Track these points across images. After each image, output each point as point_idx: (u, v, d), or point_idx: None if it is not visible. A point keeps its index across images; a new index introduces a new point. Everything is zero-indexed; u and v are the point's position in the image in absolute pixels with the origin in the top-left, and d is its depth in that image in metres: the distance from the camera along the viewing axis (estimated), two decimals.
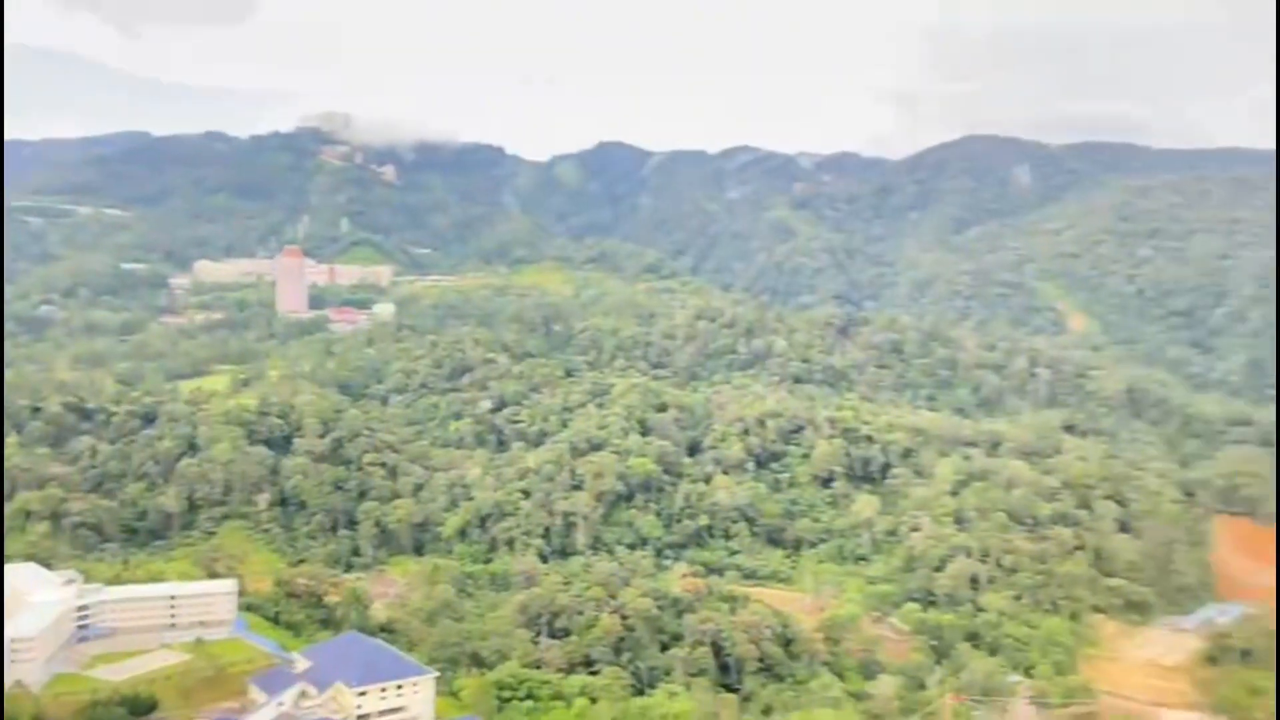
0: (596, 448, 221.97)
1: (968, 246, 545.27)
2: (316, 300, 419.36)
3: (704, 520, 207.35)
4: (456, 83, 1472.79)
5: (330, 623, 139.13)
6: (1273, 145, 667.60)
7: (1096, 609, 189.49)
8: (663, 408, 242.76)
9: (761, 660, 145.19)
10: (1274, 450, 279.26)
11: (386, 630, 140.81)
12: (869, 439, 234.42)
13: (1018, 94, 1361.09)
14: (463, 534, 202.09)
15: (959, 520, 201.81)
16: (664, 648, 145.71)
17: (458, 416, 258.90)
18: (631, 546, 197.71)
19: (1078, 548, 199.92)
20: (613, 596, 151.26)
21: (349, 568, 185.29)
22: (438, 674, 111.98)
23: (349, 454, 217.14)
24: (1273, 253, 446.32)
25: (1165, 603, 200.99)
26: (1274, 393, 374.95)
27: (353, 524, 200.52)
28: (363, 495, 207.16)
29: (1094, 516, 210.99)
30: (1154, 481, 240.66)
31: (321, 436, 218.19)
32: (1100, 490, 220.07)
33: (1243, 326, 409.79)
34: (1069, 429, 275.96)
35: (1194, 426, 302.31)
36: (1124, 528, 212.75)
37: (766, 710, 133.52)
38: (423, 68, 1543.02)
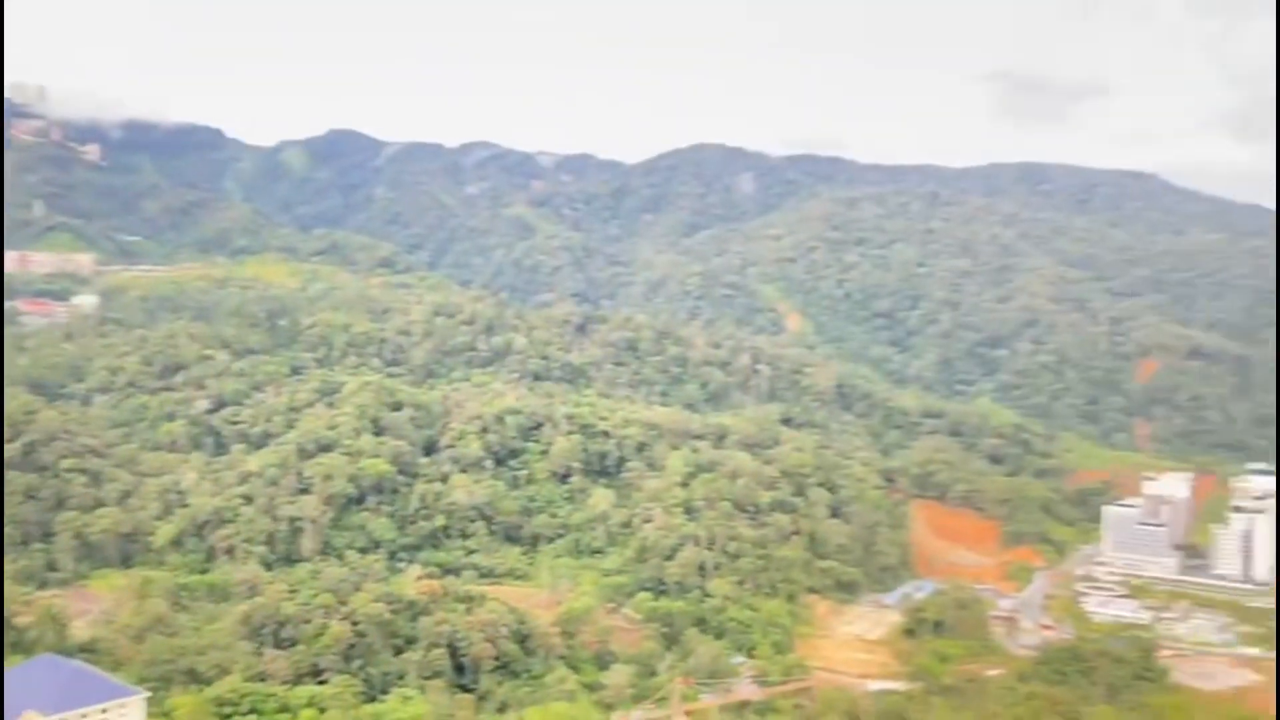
0: (325, 449, 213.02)
1: (697, 249, 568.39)
2: (6, 290, 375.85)
3: (440, 521, 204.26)
4: (170, 58, 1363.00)
5: (21, 646, 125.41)
6: (961, 164, 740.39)
7: (811, 590, 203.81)
8: (397, 406, 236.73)
9: (498, 658, 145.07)
10: (961, 440, 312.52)
11: (88, 650, 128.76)
12: (605, 434, 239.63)
13: (723, 104, 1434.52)
14: (177, 543, 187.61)
15: (688, 510, 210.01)
16: (398, 652, 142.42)
17: (170, 418, 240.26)
18: (363, 550, 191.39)
19: (794, 533, 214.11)
20: (343, 603, 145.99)
21: (44, 584, 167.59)
22: (149, 694, 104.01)
23: (44, 459, 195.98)
24: (961, 262, 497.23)
25: (870, 581, 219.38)
26: (962, 388, 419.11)
27: (48, 536, 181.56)
28: (60, 504, 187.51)
29: (808, 503, 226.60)
30: (860, 469, 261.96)
31: (11, 441, 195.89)
32: (814, 478, 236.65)
33: (934, 328, 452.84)
34: (786, 422, 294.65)
35: (894, 419, 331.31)
36: (835, 513, 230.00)
37: (502, 708, 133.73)
38: (131, 38, 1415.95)
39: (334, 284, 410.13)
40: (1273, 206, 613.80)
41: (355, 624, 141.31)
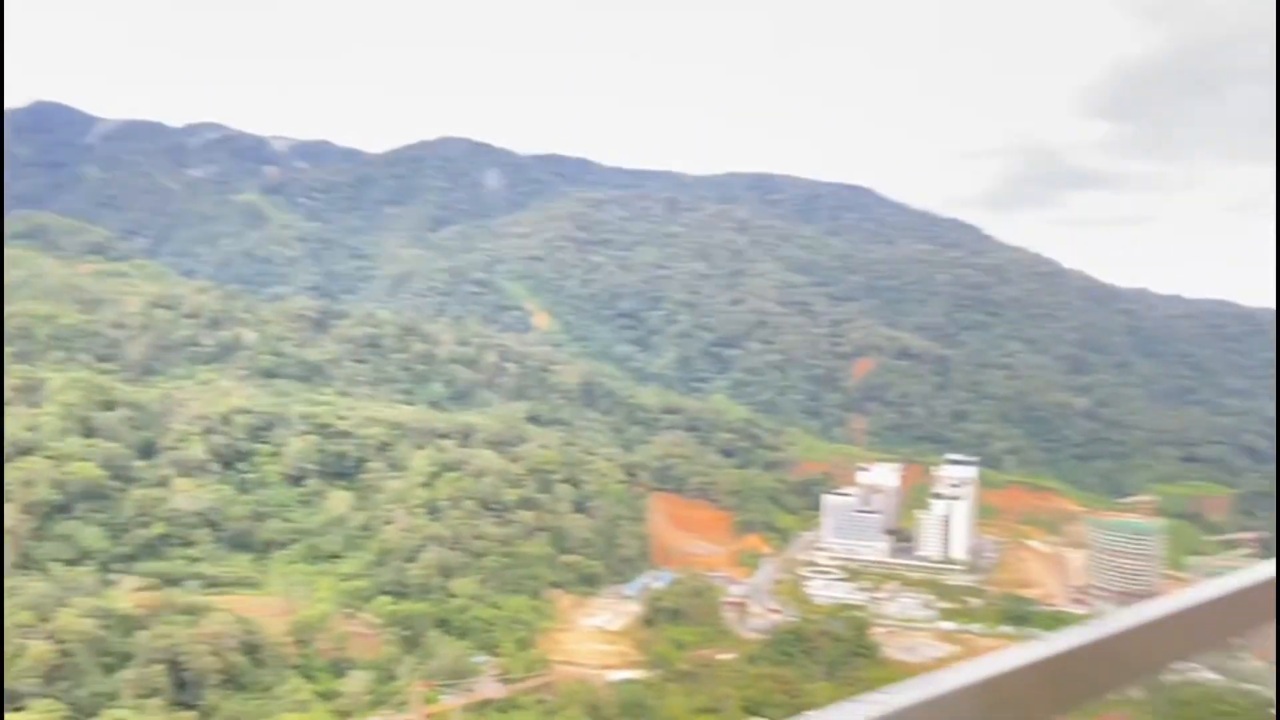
0: (26, 452, 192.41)
1: (444, 244, 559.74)
2: None
3: (160, 528, 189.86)
4: None
5: None
6: (698, 172, 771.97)
7: (555, 585, 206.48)
8: (110, 406, 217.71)
9: (225, 672, 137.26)
10: (697, 435, 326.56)
11: None
12: (344, 434, 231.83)
13: (491, 99, 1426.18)
14: None
15: (432, 510, 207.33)
16: (110, 671, 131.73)
17: None
18: (71, 562, 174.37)
19: (539, 529, 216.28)
20: (45, 620, 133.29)
21: None
22: None
23: None
24: (698, 265, 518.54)
25: (612, 574, 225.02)
26: (699, 385, 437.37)
27: None
28: None
29: (554, 499, 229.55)
30: (604, 465, 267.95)
31: None
32: (559, 475, 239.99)
33: (674, 328, 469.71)
34: (533, 419, 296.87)
35: (636, 415, 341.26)
36: (579, 508, 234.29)
37: None
38: None
39: (36, 271, 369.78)
40: (973, 222, 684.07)
41: (60, 643, 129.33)
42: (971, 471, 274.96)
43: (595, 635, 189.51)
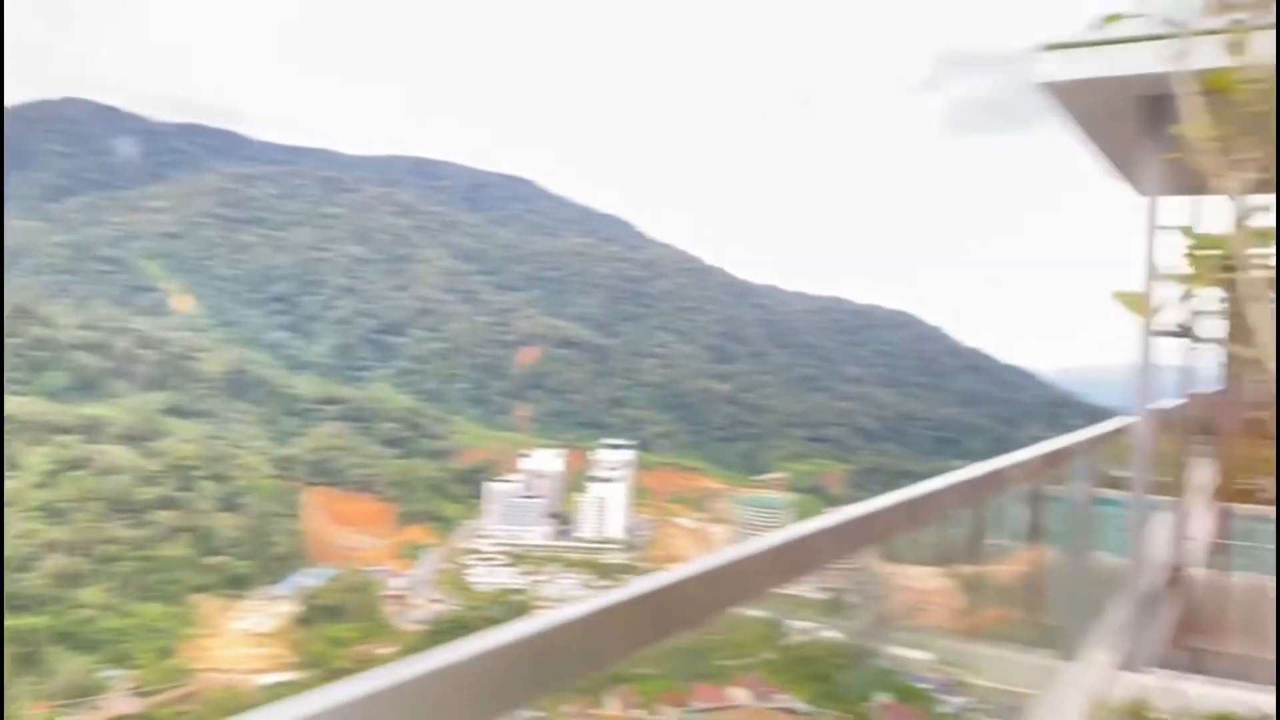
0: None
1: (66, 217, 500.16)
2: None
3: None
4: None
5: None
6: (357, 152, 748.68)
7: (199, 589, 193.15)
8: None
9: None
10: (358, 425, 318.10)
11: None
12: None
13: (123, 61, 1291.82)
14: None
15: (52, 514, 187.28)
16: None
17: None
18: None
19: (179, 530, 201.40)
20: None
21: None
22: None
23: None
24: (359, 249, 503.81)
25: (264, 574, 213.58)
26: (360, 374, 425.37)
27: None
28: None
29: (197, 497, 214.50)
30: (254, 459, 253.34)
31: None
32: (203, 471, 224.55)
33: (333, 314, 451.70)
34: (173, 411, 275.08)
35: (291, 405, 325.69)
36: (226, 506, 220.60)
37: None
38: None
39: None
40: (628, 218, 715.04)
41: None
42: (628, 455, 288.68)
43: (245, 639, 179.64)
